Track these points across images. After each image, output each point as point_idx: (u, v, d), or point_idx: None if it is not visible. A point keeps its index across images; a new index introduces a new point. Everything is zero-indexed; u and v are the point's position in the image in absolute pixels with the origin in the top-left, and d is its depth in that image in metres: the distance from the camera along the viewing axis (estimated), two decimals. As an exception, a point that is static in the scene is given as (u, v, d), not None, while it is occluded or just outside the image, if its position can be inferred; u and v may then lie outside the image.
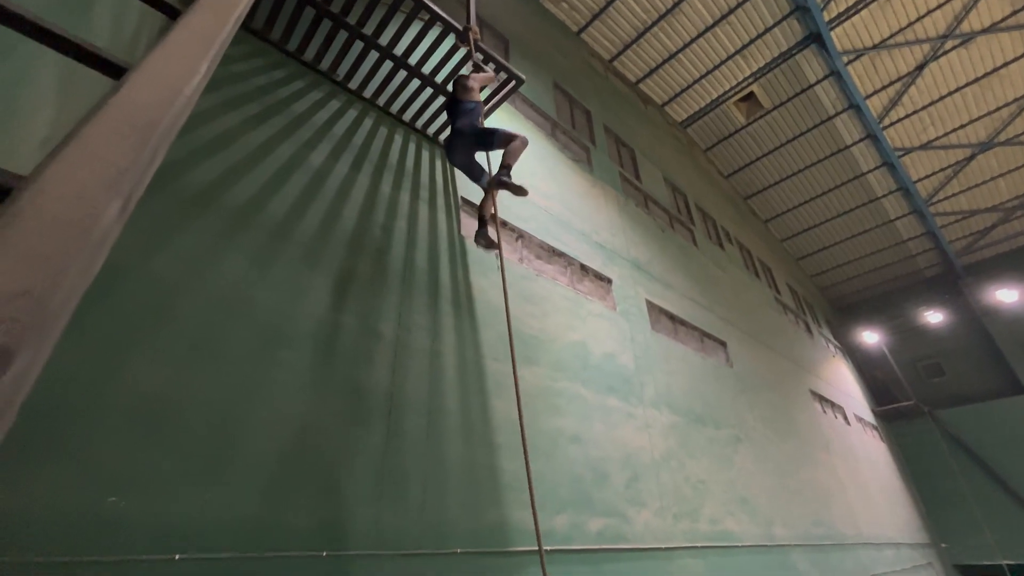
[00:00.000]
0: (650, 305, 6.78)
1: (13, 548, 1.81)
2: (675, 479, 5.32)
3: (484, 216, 3.88)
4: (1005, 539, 12.93)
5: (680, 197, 10.39)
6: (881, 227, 15.35)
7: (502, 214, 5.04)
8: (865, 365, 16.79)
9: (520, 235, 5.25)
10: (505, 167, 3.55)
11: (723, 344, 8.22)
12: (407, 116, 4.79)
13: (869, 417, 14.16)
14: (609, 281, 6.21)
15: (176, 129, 0.66)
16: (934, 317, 15.71)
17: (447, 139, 3.79)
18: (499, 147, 3.60)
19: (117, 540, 2.03)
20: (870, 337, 16.04)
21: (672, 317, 7.23)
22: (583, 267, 5.92)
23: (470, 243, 4.57)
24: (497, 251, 3.66)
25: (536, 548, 3.56)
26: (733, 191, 14.36)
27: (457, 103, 3.79)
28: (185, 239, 2.74)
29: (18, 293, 0.36)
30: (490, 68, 4.31)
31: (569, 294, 5.38)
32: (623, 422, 5.06)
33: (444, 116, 4.82)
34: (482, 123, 3.87)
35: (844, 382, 13.73)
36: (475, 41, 4.11)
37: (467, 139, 3.64)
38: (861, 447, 11.86)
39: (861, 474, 10.81)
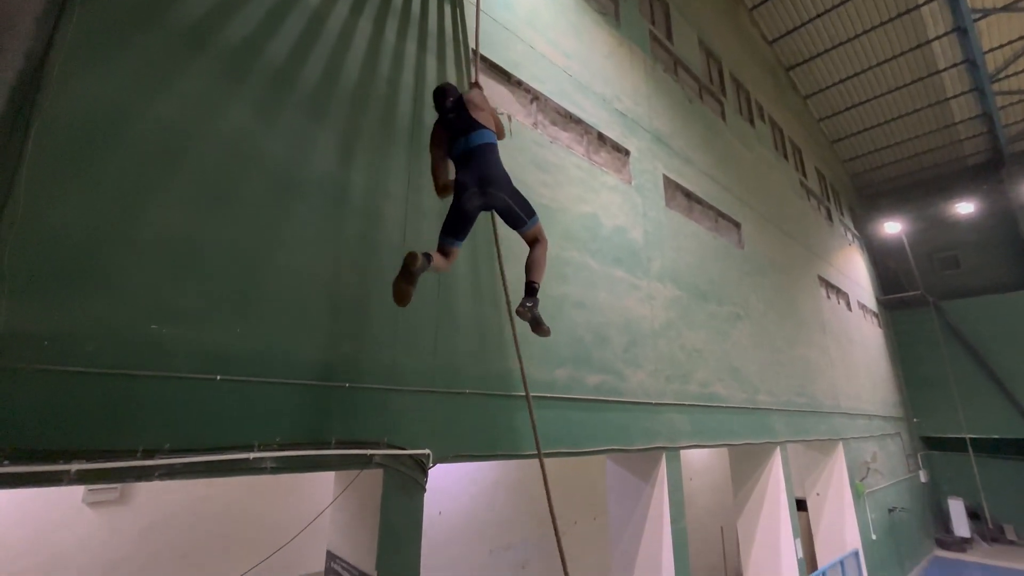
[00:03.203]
0: (667, 181, 6.57)
1: (75, 360, 2.07)
2: (671, 347, 5.66)
3: (418, 271, 2.42)
4: (974, 417, 13.98)
5: (714, 64, 9.42)
6: (933, 106, 14.01)
7: (515, 72, 4.67)
8: (880, 255, 16.67)
9: (535, 97, 4.92)
10: (533, 288, 2.73)
11: (737, 225, 8.11)
12: (412, -52, 4.20)
13: (872, 305, 14.45)
14: (627, 153, 5.96)
15: None
16: (964, 208, 15.11)
17: (458, 179, 2.75)
18: (525, 231, 2.79)
19: (163, 360, 2.29)
20: (892, 227, 15.66)
21: (688, 195, 7.05)
22: (600, 136, 5.63)
23: (482, 103, 4.30)
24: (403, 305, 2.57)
25: (534, 394, 3.95)
26: (775, 60, 12.93)
27: (466, 122, 2.76)
28: (185, 81, 2.62)
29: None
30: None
31: (584, 164, 5.21)
32: (627, 293, 5.24)
33: (454, -52, 4.22)
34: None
35: (854, 270, 13.76)
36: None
37: (496, 194, 2.67)
38: (857, 332, 12.30)
39: (851, 355, 11.37)
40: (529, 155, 4.57)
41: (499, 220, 3.01)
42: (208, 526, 4.24)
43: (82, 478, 2.03)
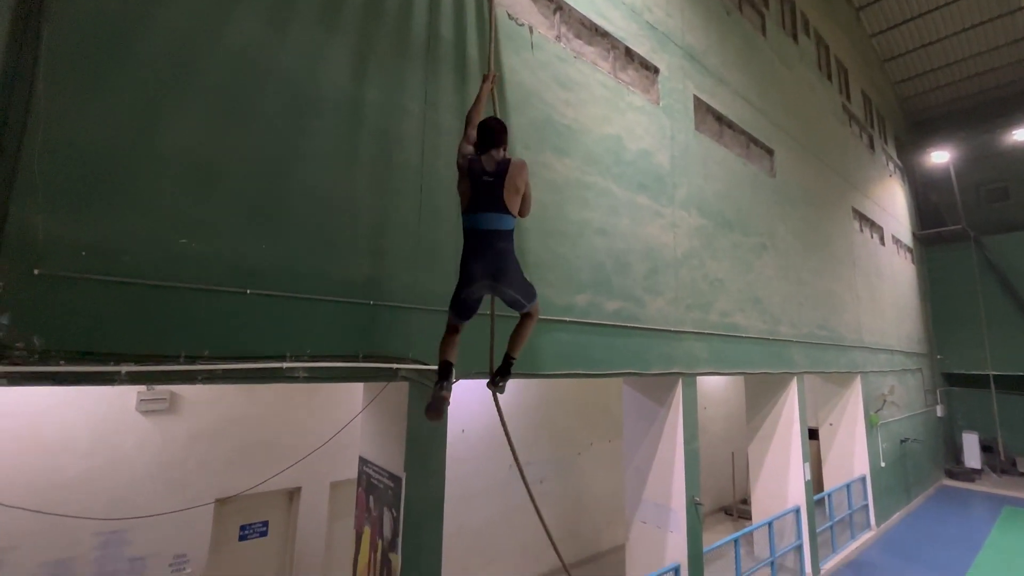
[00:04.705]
0: (697, 102, 6.18)
1: (113, 269, 2.16)
2: (693, 276, 5.60)
3: (451, 361, 2.63)
4: (1000, 354, 13.76)
5: (758, -31, 8.50)
6: (1003, 17, 12.56)
7: (539, -23, 4.31)
8: (922, 187, 15.76)
9: (559, 7, 4.57)
10: (510, 363, 2.73)
11: (770, 152, 7.70)
12: None
13: (907, 239, 13.87)
14: (656, 71, 5.57)
15: None
16: (1023, 135, 13.94)
17: (467, 263, 2.49)
18: (523, 311, 2.72)
19: (195, 273, 2.37)
20: (939, 156, 14.66)
21: (720, 118, 6.65)
22: (628, 52, 5.26)
23: (502, 13, 4.02)
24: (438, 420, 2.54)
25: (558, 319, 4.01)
26: (828, -36, 11.60)
27: (494, 200, 2.48)
28: (189, -15, 2.50)
29: None
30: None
31: (609, 83, 4.91)
32: (650, 220, 5.12)
33: None
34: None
35: (891, 203, 13.09)
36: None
37: (505, 290, 2.51)
38: (888, 267, 11.92)
39: (879, 291, 11.11)
40: (551, 71, 4.32)
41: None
42: (250, 435, 4.60)
43: (132, 379, 2.19)
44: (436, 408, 2.46)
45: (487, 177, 2.53)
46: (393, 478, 3.17)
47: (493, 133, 2.61)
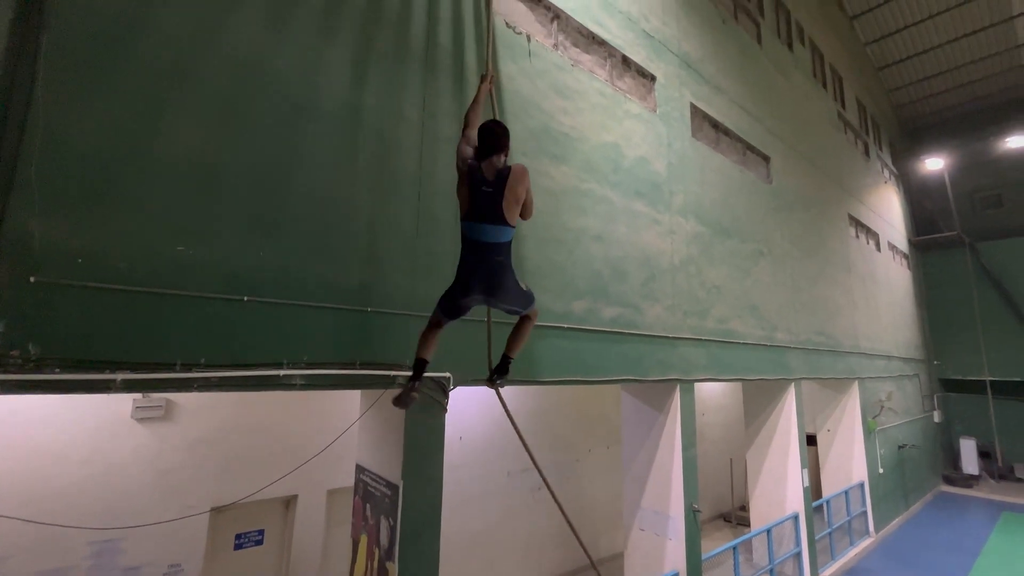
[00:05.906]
0: (694, 110, 6.23)
1: (109, 277, 2.15)
2: (690, 283, 5.62)
3: (428, 359, 2.64)
4: (997, 360, 13.82)
5: (753, -21, 8.60)
6: (996, 26, 12.72)
7: (536, -14, 4.35)
8: (917, 194, 15.89)
9: (556, 15, 4.61)
10: (507, 363, 2.72)
11: (766, 159, 7.75)
12: None
13: (902, 246, 13.95)
14: (652, 79, 5.62)
15: None
16: (1016, 142, 14.07)
17: (464, 273, 2.44)
18: (524, 314, 2.69)
19: (192, 280, 2.37)
20: (933, 164, 14.78)
21: (716, 125, 6.70)
22: (625, 60, 5.30)
23: (500, 22, 4.05)
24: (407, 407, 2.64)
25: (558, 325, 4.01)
26: (822, -26, 11.73)
27: (495, 212, 2.39)
28: (188, -6, 2.52)
29: None
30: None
31: (607, 91, 4.95)
32: (647, 227, 5.14)
33: None
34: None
35: (887, 210, 13.18)
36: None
37: (500, 303, 2.50)
38: (884, 273, 11.98)
39: (876, 297, 11.15)
40: (549, 80, 4.35)
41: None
42: (246, 443, 4.57)
43: (128, 387, 2.18)
44: (404, 403, 2.56)
45: (487, 188, 2.43)
46: (390, 486, 3.15)
47: (495, 137, 2.47)
